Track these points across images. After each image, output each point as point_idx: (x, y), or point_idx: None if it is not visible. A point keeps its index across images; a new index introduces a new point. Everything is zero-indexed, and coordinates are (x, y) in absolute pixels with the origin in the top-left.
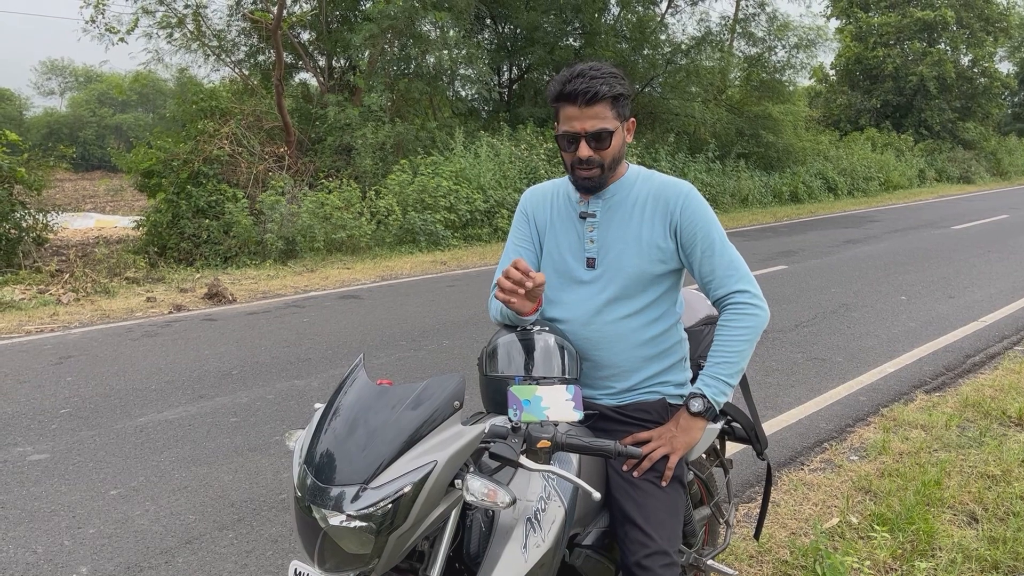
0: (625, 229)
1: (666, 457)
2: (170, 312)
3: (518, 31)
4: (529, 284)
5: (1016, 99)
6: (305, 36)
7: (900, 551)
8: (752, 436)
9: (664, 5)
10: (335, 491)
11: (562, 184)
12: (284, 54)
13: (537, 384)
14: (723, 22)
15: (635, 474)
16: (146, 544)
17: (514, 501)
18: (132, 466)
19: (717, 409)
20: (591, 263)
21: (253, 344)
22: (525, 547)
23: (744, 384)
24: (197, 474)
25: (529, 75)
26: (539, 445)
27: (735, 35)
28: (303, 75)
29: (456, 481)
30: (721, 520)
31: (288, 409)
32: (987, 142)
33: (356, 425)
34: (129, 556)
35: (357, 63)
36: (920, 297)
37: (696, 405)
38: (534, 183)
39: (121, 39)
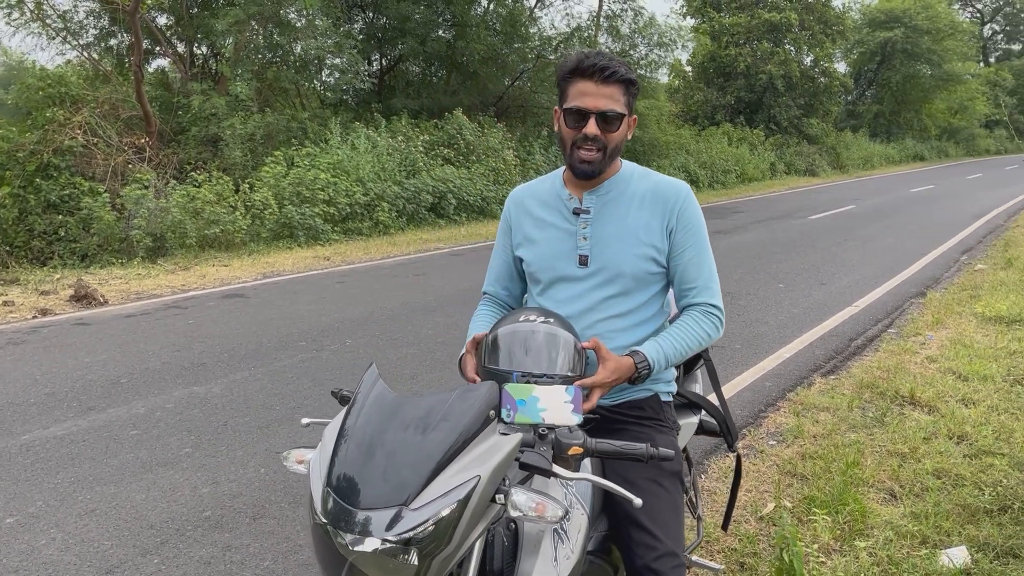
0: (621, 226)
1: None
2: (34, 317)
3: (387, 22)
4: None
5: (850, 97)
6: (161, 20)
7: (839, 532)
8: (724, 429)
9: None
10: (368, 515)
11: (552, 179)
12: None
13: (536, 383)
14: (590, 17)
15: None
16: None
17: (566, 514)
18: (25, 490)
19: (648, 374)
20: (583, 261)
21: (138, 349)
22: (556, 560)
23: (714, 377)
24: (104, 495)
25: (400, 66)
26: (570, 452)
27: (600, 30)
28: (159, 61)
29: (497, 496)
30: (693, 514)
31: (193, 419)
32: (828, 137)
33: (384, 442)
34: None
35: (221, 50)
36: (796, 285)
37: (643, 367)
38: (413, 175)
39: None
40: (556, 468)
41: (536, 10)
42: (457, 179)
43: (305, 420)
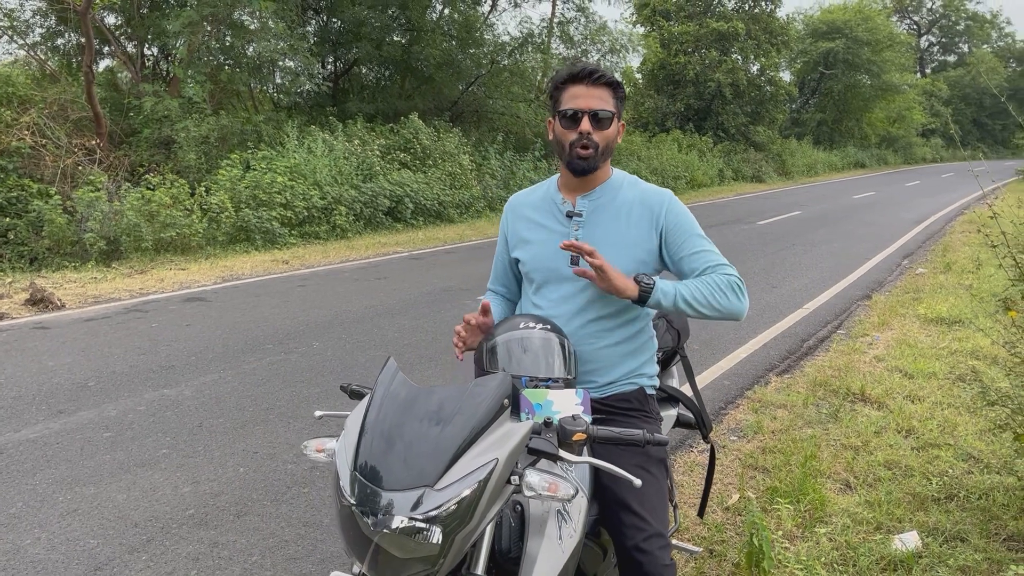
0: (611, 230)
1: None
2: None
3: (342, 25)
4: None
5: (794, 106)
6: (111, 20)
7: (801, 520)
8: (698, 420)
9: (488, 6)
10: (394, 497)
11: (547, 186)
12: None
13: (547, 388)
14: (543, 24)
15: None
16: (48, 574)
17: (576, 492)
18: (2, 492)
19: (650, 298)
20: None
21: (102, 352)
22: (560, 538)
23: (688, 371)
24: (84, 495)
25: (355, 70)
26: (574, 438)
27: (552, 36)
28: (107, 61)
29: (512, 477)
30: (671, 502)
31: (167, 420)
32: (774, 144)
33: (408, 429)
34: None
35: (172, 51)
36: (748, 288)
37: (645, 284)
38: (370, 179)
39: None
40: (562, 452)
41: (490, 16)
42: (414, 183)
43: (318, 412)
